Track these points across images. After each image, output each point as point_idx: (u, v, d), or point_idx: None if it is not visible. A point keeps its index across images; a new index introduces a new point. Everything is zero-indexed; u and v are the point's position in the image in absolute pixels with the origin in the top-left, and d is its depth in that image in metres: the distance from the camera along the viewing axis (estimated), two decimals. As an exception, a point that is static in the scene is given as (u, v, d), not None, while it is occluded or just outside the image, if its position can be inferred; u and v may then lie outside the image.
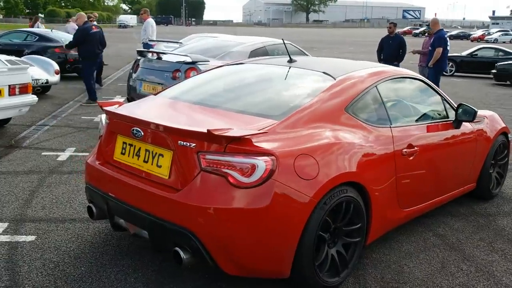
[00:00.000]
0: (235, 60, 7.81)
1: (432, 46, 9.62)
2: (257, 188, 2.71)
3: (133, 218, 3.12)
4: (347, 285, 3.23)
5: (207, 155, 2.78)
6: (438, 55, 9.43)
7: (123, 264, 3.39)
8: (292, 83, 3.70)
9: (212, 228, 2.73)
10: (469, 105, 4.22)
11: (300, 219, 2.83)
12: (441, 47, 9.42)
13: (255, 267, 2.86)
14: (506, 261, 3.70)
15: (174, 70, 7.44)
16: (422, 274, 3.44)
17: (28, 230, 3.86)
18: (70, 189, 4.82)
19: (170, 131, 2.87)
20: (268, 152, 2.76)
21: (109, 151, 3.34)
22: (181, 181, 2.86)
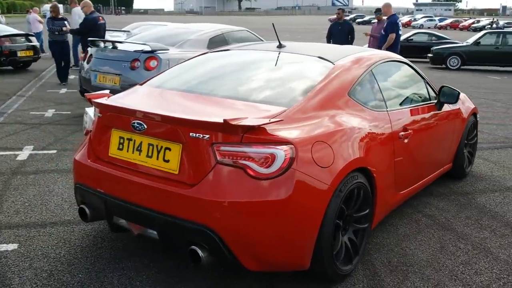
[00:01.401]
0: (194, 48, 7.63)
1: (385, 31, 9.81)
2: (277, 178, 2.61)
3: (138, 218, 2.92)
4: (358, 272, 3.20)
5: (222, 146, 2.63)
6: (391, 41, 9.64)
7: (122, 267, 3.18)
8: (291, 68, 3.59)
9: (232, 223, 2.60)
10: (451, 87, 4.30)
11: (320, 208, 2.76)
12: (393, 33, 9.62)
13: (276, 261, 2.75)
14: (497, 237, 3.82)
15: (132, 59, 7.12)
16: (425, 255, 3.47)
17: (7, 238, 3.54)
18: (41, 191, 4.49)
19: (181, 122, 2.69)
20: (286, 141, 2.65)
21: (102, 147, 3.10)
22: (193, 175, 2.69)
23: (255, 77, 3.50)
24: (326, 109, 3.05)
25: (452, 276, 3.20)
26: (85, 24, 9.46)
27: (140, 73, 7.03)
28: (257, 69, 3.66)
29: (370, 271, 3.22)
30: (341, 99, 3.19)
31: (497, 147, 6.59)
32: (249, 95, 3.15)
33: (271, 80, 3.43)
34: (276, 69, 3.59)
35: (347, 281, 3.09)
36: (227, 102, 3.06)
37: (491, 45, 17.16)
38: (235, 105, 3.00)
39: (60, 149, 5.88)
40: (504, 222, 4.11)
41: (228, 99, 3.10)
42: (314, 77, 3.28)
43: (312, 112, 2.97)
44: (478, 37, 17.61)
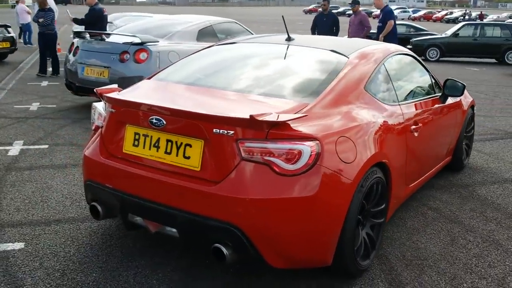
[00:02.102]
0: (183, 40, 7.51)
1: (382, 21, 10.01)
2: (303, 175, 2.57)
3: (155, 216, 2.84)
4: (375, 267, 3.20)
5: (247, 142, 2.58)
6: (390, 28, 9.88)
7: (136, 266, 3.11)
8: (306, 62, 3.53)
9: (258, 221, 2.55)
10: (456, 80, 4.32)
11: (344, 204, 2.73)
12: (392, 19, 9.86)
13: (300, 258, 2.72)
14: (503, 229, 3.87)
15: (121, 52, 6.99)
16: (437, 248, 3.49)
17: (12, 237, 3.42)
18: (39, 187, 4.35)
19: (204, 118, 2.62)
20: (312, 137, 2.61)
21: (116, 144, 3.00)
22: (216, 172, 2.63)
23: (272, 71, 3.44)
24: (345, 104, 3.02)
25: (467, 269, 3.22)
26: (90, 15, 9.27)
27: (130, 65, 6.91)
28: (271, 63, 3.60)
29: (386, 266, 3.22)
30: (358, 93, 3.16)
31: (488, 139, 6.69)
32: (268, 90, 3.09)
33: (287, 74, 3.37)
34: (291, 63, 3.54)
35: (366, 276, 3.08)
36: (245, 97, 3.00)
37: (469, 36, 17.45)
38: (254, 100, 2.94)
39: (52, 144, 5.72)
40: (507, 214, 4.16)
41: (246, 94, 3.04)
42: (330, 71, 3.24)
43: (332, 106, 2.94)
44: (456, 29, 17.88)
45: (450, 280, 3.08)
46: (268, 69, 3.48)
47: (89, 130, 6.29)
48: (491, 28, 17.84)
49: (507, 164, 5.57)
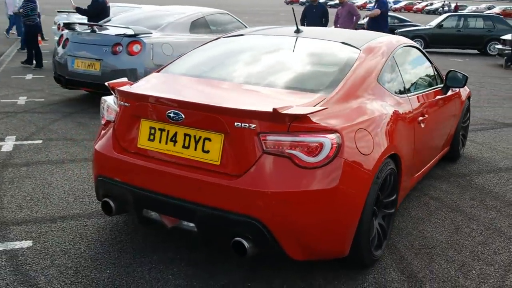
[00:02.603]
0: (176, 32, 7.44)
1: None
2: (324, 167, 2.58)
3: (173, 211, 2.83)
4: (386, 256, 3.24)
5: (269, 136, 2.57)
6: (376, 13, 10.45)
7: (149, 261, 3.09)
8: (319, 54, 3.53)
9: (280, 214, 2.56)
10: (459, 71, 4.38)
11: (362, 195, 2.76)
12: (384, 9, 10.36)
13: (320, 250, 2.74)
14: (504, 217, 3.95)
15: (114, 44, 6.89)
16: (443, 237, 3.55)
17: (18, 235, 3.36)
18: (39, 184, 4.28)
19: (226, 112, 2.60)
20: (333, 129, 2.62)
21: (130, 138, 2.97)
22: (237, 166, 2.62)
23: (286, 63, 3.44)
24: (361, 96, 3.04)
25: (474, 257, 3.29)
26: (94, 7, 9.11)
27: (123, 58, 6.83)
28: (284, 55, 3.58)
29: (396, 255, 3.26)
30: (372, 86, 3.18)
31: (479, 129, 6.81)
32: (284, 83, 3.09)
33: (302, 67, 3.37)
34: (304, 56, 3.53)
35: (378, 266, 3.12)
36: (263, 90, 2.99)
37: (453, 28, 17.66)
38: (272, 94, 2.94)
39: (46, 139, 5.62)
40: (506, 202, 4.25)
41: (263, 87, 3.03)
42: (344, 64, 3.25)
43: (348, 99, 2.95)
44: (440, 20, 18.07)
45: (460, 268, 3.14)
46: (282, 62, 3.47)
47: (81, 124, 6.23)
48: (474, 20, 18.10)
49: (500, 154, 5.68)
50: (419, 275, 3.03)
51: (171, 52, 7.10)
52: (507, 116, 7.80)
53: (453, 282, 2.97)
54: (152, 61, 6.88)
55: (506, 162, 5.39)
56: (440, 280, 2.99)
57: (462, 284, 2.95)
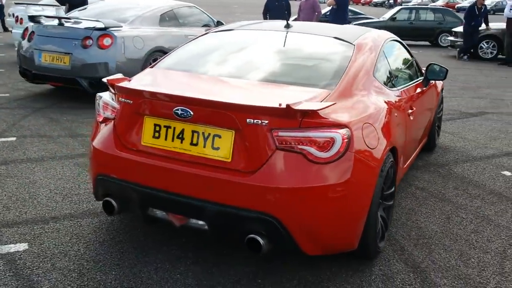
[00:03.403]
0: (146, 25, 7.28)
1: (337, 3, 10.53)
2: (336, 162, 2.60)
3: (182, 209, 2.78)
4: (386, 248, 3.30)
5: (280, 132, 2.57)
6: (331, 4, 10.74)
7: (154, 261, 3.03)
8: (314, 49, 3.54)
9: (295, 210, 2.56)
10: (439, 64, 4.50)
11: (370, 189, 2.80)
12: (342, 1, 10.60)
13: (333, 243, 2.77)
14: (489, 205, 4.11)
15: (83, 37, 6.67)
16: (436, 226, 3.66)
17: (11, 238, 3.22)
18: (22, 183, 4.11)
19: (237, 108, 2.57)
20: (343, 124, 2.64)
21: (132, 136, 2.89)
22: (249, 163, 2.60)
23: (285, 59, 3.44)
24: (361, 90, 3.08)
25: (469, 245, 3.41)
26: None
27: (93, 51, 6.63)
28: (282, 50, 3.56)
29: (397, 246, 3.34)
30: (369, 80, 3.23)
31: (448, 119, 7.03)
32: (288, 78, 3.09)
33: (301, 62, 3.38)
34: (301, 50, 3.53)
35: (381, 257, 3.18)
36: (268, 86, 2.98)
37: (405, 20, 18.11)
38: (278, 89, 2.93)
39: (20, 136, 5.40)
40: (487, 190, 4.42)
41: (267, 82, 3.02)
42: (341, 58, 3.28)
43: (351, 93, 2.98)
44: (393, 13, 18.49)
45: (459, 256, 3.24)
46: (281, 57, 3.46)
47: (54, 120, 6.02)
48: (425, 12, 18.62)
49: (471, 143, 5.90)
50: (422, 265, 3.11)
51: (142, 45, 6.96)
52: (469, 106, 8.09)
53: (456, 271, 3.07)
54: (123, 55, 6.72)
55: (478, 151, 5.59)
56: (443, 269, 3.08)
57: (464, 272, 3.06)
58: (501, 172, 4.91)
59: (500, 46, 13.68)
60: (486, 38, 13.94)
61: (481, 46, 14.03)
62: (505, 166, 5.09)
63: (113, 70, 6.62)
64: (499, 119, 7.22)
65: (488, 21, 13.67)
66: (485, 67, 12.71)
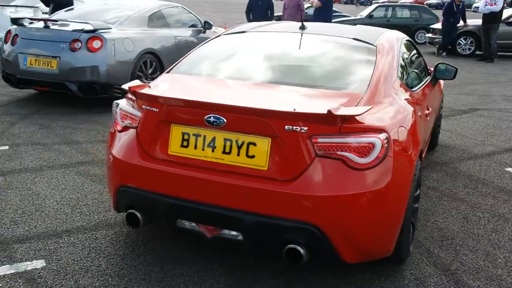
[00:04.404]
0: (135, 26, 7.09)
1: None
2: (376, 168, 2.53)
3: (215, 220, 2.67)
4: (413, 251, 3.26)
5: (320, 138, 2.49)
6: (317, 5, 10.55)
7: (181, 273, 2.91)
8: (336, 52, 3.46)
9: (336, 218, 2.49)
10: (448, 63, 4.49)
11: (406, 193, 2.75)
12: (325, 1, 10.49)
13: (372, 250, 2.71)
14: (501, 202, 4.12)
15: (71, 40, 6.44)
16: (457, 227, 3.64)
17: (25, 254, 3.05)
18: (25, 194, 3.92)
19: (276, 115, 2.48)
20: (381, 129, 2.58)
21: (158, 145, 2.76)
22: (287, 170, 2.51)
23: (309, 62, 3.34)
24: (389, 93, 3.02)
25: (493, 245, 3.40)
26: None
27: (83, 55, 6.42)
28: (304, 53, 3.46)
29: (422, 249, 3.30)
30: (395, 81, 3.17)
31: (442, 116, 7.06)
32: (317, 82, 3.02)
33: (326, 65, 3.29)
34: (323, 53, 3.45)
35: (410, 261, 3.13)
36: (299, 90, 2.90)
37: (382, 18, 18.26)
38: (310, 94, 2.85)
39: (12, 144, 5.17)
40: (496, 188, 4.44)
41: (298, 87, 2.94)
42: (366, 61, 3.21)
43: (380, 96, 2.92)
44: (371, 11, 18.63)
45: (486, 257, 3.23)
46: (305, 60, 3.37)
47: (45, 127, 5.81)
48: (401, 10, 18.81)
49: (469, 140, 5.94)
50: (452, 268, 3.08)
51: (132, 47, 6.78)
52: (459, 103, 8.17)
53: (486, 272, 3.05)
54: (114, 58, 6.53)
55: (479, 148, 5.63)
56: (473, 271, 3.05)
57: (495, 273, 3.04)
58: (505, 169, 4.95)
59: (478, 42, 13.91)
60: (464, 34, 14.16)
61: (459, 42, 14.25)
62: (508, 163, 5.13)
63: (104, 74, 6.44)
64: (490, 115, 7.31)
65: (466, 18, 13.89)
66: (465, 63, 12.89)
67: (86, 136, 5.53)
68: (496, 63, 13.11)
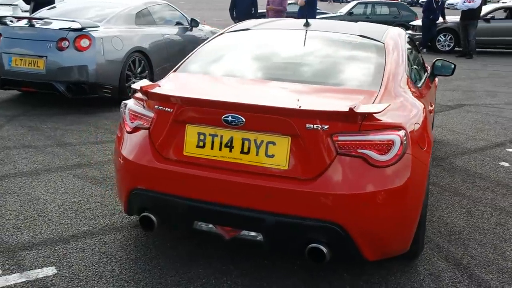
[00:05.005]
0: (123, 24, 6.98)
1: None
2: (396, 165, 2.54)
3: (234, 221, 2.64)
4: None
5: (341, 136, 2.48)
6: (301, 3, 10.64)
7: (197, 275, 2.87)
8: (345, 49, 3.45)
9: (358, 216, 2.49)
10: (445, 59, 4.54)
11: (423, 189, 2.78)
12: None
13: (392, 247, 2.72)
14: (501, 196, 4.19)
15: (58, 39, 6.30)
16: (462, 221, 3.68)
17: (34, 262, 2.97)
18: (24, 199, 3.81)
19: (297, 114, 2.46)
20: (399, 126, 2.58)
21: (172, 146, 2.71)
22: (309, 169, 2.50)
23: (320, 59, 3.33)
24: (401, 90, 3.04)
25: (499, 238, 3.45)
26: None
27: (70, 54, 6.29)
28: (313, 51, 3.44)
29: (432, 244, 3.33)
30: (405, 79, 3.19)
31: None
32: (331, 80, 3.01)
33: (338, 62, 3.28)
34: (332, 50, 3.44)
35: (421, 256, 3.15)
36: (313, 88, 2.89)
37: (362, 15, 18.40)
38: (326, 92, 2.85)
39: (3, 147, 5.03)
40: (493, 182, 4.51)
41: (312, 85, 2.93)
42: (376, 58, 3.22)
43: (394, 93, 2.93)
44: (350, 8, 18.75)
45: (494, 250, 3.27)
46: (316, 58, 3.35)
47: (34, 129, 5.68)
48: (380, 7, 18.99)
49: (461, 135, 6.02)
50: (463, 262, 3.12)
51: (121, 46, 6.68)
52: (445, 98, 8.28)
53: (497, 265, 3.09)
54: (103, 57, 6.42)
55: (471, 143, 5.72)
56: (484, 264, 3.09)
57: (505, 266, 3.08)
58: (499, 163, 5.04)
59: (457, 39, 14.13)
60: (444, 31, 14.37)
61: (439, 39, 14.45)
62: (501, 157, 5.22)
63: (93, 73, 6.32)
64: (477, 110, 7.43)
65: (445, 15, 14.10)
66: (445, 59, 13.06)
67: (79, 138, 5.42)
68: (476, 59, 13.34)
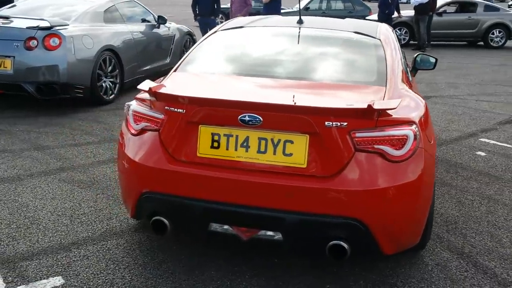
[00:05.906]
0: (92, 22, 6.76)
1: None
2: (410, 159, 2.58)
3: (252, 222, 2.62)
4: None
5: (358, 133, 2.50)
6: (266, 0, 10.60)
7: (211, 278, 2.84)
8: (344, 45, 3.46)
9: (378, 211, 2.52)
10: (427, 54, 4.65)
11: (432, 183, 2.84)
12: None
13: (407, 240, 2.76)
14: (484, 185, 4.33)
15: (26, 38, 6.03)
16: (455, 211, 3.80)
17: (38, 272, 2.84)
18: (12, 207, 3.64)
19: (316, 112, 2.46)
20: (411, 121, 2.63)
21: (186, 147, 2.65)
22: (328, 167, 2.50)
23: (322, 56, 3.32)
24: (404, 85, 3.09)
25: (493, 225, 3.58)
26: None
27: (39, 53, 6.05)
28: (314, 48, 3.43)
29: (433, 235, 3.39)
30: (403, 74, 3.25)
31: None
32: (339, 77, 3.03)
33: (342, 59, 3.29)
34: (332, 47, 3.44)
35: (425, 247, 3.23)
36: (325, 86, 2.90)
37: (318, 10, 18.60)
38: (338, 89, 2.86)
39: (-23, 153, 4.79)
40: (475, 171, 4.67)
41: (321, 82, 2.94)
42: (376, 54, 3.25)
43: (398, 89, 2.98)
44: (307, 3, 18.91)
45: (491, 238, 3.39)
46: (318, 55, 3.34)
47: (5, 132, 5.45)
48: (335, 2, 19.26)
49: (434, 126, 6.11)
50: (465, 251, 3.22)
51: (92, 45, 6.47)
52: (410, 91, 8.49)
53: (497, 253, 3.21)
54: (74, 56, 6.19)
55: (446, 134, 5.91)
56: (485, 252, 3.20)
57: (504, 253, 3.21)
58: (476, 153, 5.22)
59: (412, 32, 14.53)
60: (399, 25, 14.74)
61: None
62: (477, 147, 5.41)
63: (64, 73, 6.10)
64: (443, 102, 7.68)
65: (400, 9, 14.45)
66: (402, 52, 13.43)
67: (55, 141, 5.22)
68: (430, 52, 13.74)
